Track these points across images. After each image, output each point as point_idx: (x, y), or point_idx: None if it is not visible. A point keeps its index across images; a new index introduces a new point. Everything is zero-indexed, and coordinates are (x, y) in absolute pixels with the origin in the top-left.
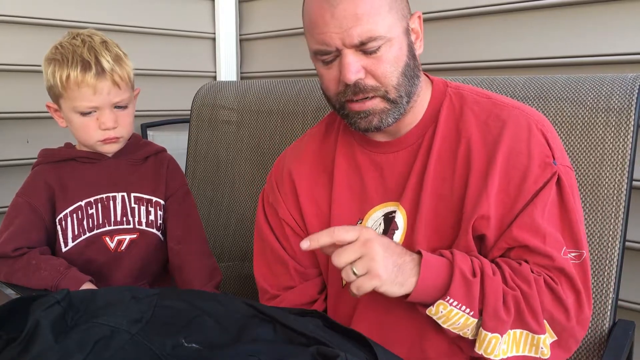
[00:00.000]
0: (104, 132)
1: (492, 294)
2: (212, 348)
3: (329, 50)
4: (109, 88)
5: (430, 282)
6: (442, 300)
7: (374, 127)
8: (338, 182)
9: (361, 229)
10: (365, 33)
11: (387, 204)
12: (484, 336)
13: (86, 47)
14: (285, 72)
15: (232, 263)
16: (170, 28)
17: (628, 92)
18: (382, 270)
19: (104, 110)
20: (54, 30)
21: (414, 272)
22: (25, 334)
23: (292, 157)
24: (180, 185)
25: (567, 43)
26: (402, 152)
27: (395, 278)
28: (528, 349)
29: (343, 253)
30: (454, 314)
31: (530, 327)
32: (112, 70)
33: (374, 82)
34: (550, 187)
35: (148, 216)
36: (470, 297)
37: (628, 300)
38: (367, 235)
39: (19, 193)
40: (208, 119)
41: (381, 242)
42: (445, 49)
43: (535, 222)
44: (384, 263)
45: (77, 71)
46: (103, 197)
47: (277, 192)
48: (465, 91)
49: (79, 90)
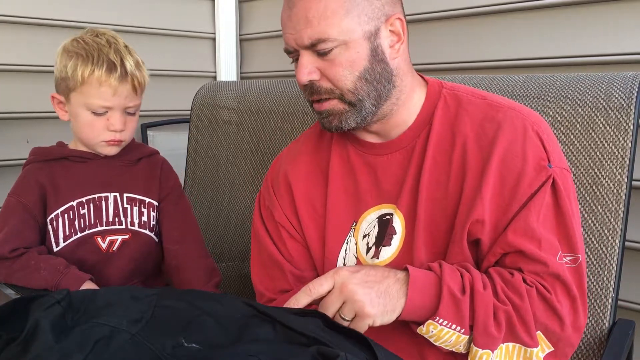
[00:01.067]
0: (111, 133)
1: (482, 310)
2: (212, 348)
3: (290, 50)
4: (128, 92)
5: (419, 303)
6: (432, 320)
7: (335, 127)
8: (333, 183)
9: (334, 274)
10: (315, 35)
11: (382, 206)
12: (475, 352)
13: (112, 48)
14: (286, 72)
15: (232, 263)
16: (170, 28)
17: (628, 91)
18: (368, 308)
19: (116, 112)
20: (54, 30)
21: (402, 293)
22: (25, 334)
23: (287, 159)
24: (174, 186)
25: (566, 43)
26: (396, 153)
27: (385, 307)
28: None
29: (327, 306)
30: (444, 332)
31: (523, 340)
32: (133, 75)
33: (328, 84)
34: (545, 190)
35: (141, 217)
36: (459, 315)
37: (628, 300)
38: (341, 280)
39: (10, 192)
40: (208, 119)
41: (357, 279)
42: (445, 49)
43: (530, 226)
44: (368, 300)
45: (102, 70)
46: (95, 197)
47: (273, 195)
48: (460, 92)
49: (99, 88)
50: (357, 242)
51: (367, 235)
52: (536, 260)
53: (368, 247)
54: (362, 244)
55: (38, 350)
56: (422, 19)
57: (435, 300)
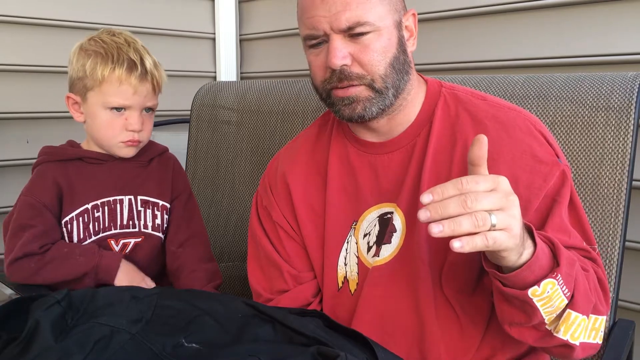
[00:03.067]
0: (129, 133)
1: (581, 274)
2: (212, 348)
3: (317, 34)
4: (147, 91)
5: (542, 256)
6: (552, 278)
7: (358, 115)
8: (332, 183)
9: (496, 178)
10: (353, 18)
11: (383, 205)
12: (573, 318)
13: (132, 47)
14: (285, 72)
15: (232, 263)
16: (170, 28)
17: (628, 91)
18: (518, 231)
19: (135, 111)
20: (53, 30)
21: (529, 243)
22: (25, 334)
23: (285, 159)
24: (185, 187)
25: (567, 43)
26: (397, 152)
27: (521, 245)
28: (588, 334)
29: (483, 198)
30: (557, 294)
31: (597, 308)
32: (152, 74)
33: (360, 69)
34: (567, 185)
35: (154, 220)
36: (570, 276)
37: (628, 300)
38: (508, 188)
39: (26, 192)
40: (208, 119)
41: (515, 200)
42: (445, 49)
43: (563, 222)
44: (520, 225)
45: (122, 69)
46: (110, 200)
47: (270, 195)
48: (460, 92)
49: (119, 87)
50: (358, 241)
51: (367, 234)
52: (576, 248)
53: (369, 245)
54: (362, 243)
55: (38, 350)
56: (421, 19)
57: (552, 260)
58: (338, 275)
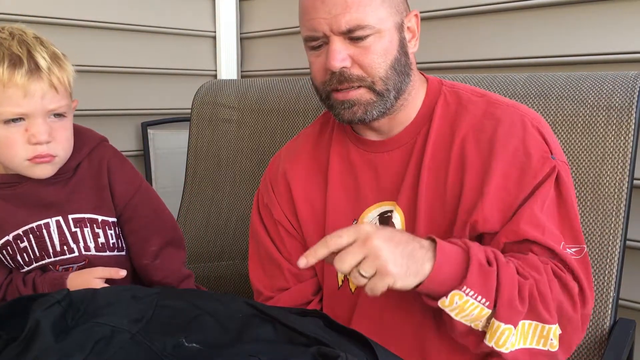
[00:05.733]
0: (34, 147)
1: (508, 284)
2: (212, 348)
3: (317, 36)
4: (44, 91)
5: (446, 270)
6: (458, 290)
7: (358, 118)
8: (332, 182)
9: (357, 227)
10: (353, 21)
11: (383, 203)
12: (496, 327)
13: (16, 39)
14: (286, 70)
15: (232, 262)
16: (171, 26)
17: (629, 90)
18: (391, 266)
19: (36, 119)
20: (53, 29)
21: (427, 258)
22: (25, 334)
23: (286, 157)
24: (134, 188)
25: (568, 42)
26: (397, 151)
27: (408, 269)
28: (536, 341)
29: (345, 257)
30: (468, 304)
31: (543, 317)
32: (49, 70)
33: (360, 72)
34: (550, 182)
35: (96, 239)
36: (487, 287)
37: (629, 300)
38: (365, 233)
39: None
40: (209, 117)
41: (383, 235)
42: (447, 48)
43: (534, 214)
44: (392, 257)
45: (3, 67)
46: (33, 226)
47: (271, 193)
48: (460, 90)
49: (4, 91)
50: None
51: None
52: (542, 246)
53: None
54: None
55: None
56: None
57: (462, 269)
58: (338, 273)
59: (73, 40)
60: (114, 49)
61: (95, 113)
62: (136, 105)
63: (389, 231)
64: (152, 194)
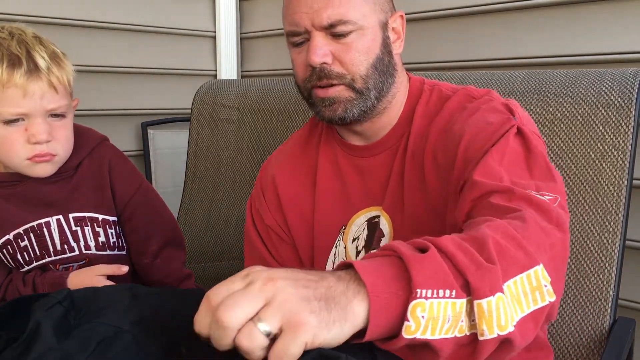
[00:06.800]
0: (34, 146)
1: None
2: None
3: (299, 31)
4: (43, 91)
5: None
6: (415, 299)
7: (338, 116)
8: (321, 187)
9: (247, 271)
10: (335, 15)
11: (370, 208)
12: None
13: (15, 39)
14: (286, 70)
15: (232, 262)
16: (171, 26)
17: (628, 88)
18: (305, 314)
19: (35, 118)
20: (53, 29)
21: (351, 291)
22: (26, 335)
23: (275, 162)
24: (135, 187)
25: (567, 42)
26: (381, 155)
27: (329, 314)
28: (532, 299)
29: (238, 301)
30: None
31: (519, 261)
32: (48, 70)
33: (341, 69)
34: (508, 136)
35: (97, 238)
36: (438, 274)
37: (628, 299)
38: (264, 274)
39: None
40: (209, 117)
41: (285, 274)
42: (445, 47)
43: (489, 165)
44: (305, 303)
45: (2, 68)
46: (34, 225)
47: (262, 198)
48: (441, 87)
49: (4, 91)
50: (347, 245)
51: (356, 239)
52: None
53: (357, 250)
54: (351, 248)
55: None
56: (420, 17)
57: (400, 273)
58: None
59: (73, 40)
60: (114, 48)
61: (95, 113)
62: (136, 105)
63: (290, 270)
64: (152, 193)
